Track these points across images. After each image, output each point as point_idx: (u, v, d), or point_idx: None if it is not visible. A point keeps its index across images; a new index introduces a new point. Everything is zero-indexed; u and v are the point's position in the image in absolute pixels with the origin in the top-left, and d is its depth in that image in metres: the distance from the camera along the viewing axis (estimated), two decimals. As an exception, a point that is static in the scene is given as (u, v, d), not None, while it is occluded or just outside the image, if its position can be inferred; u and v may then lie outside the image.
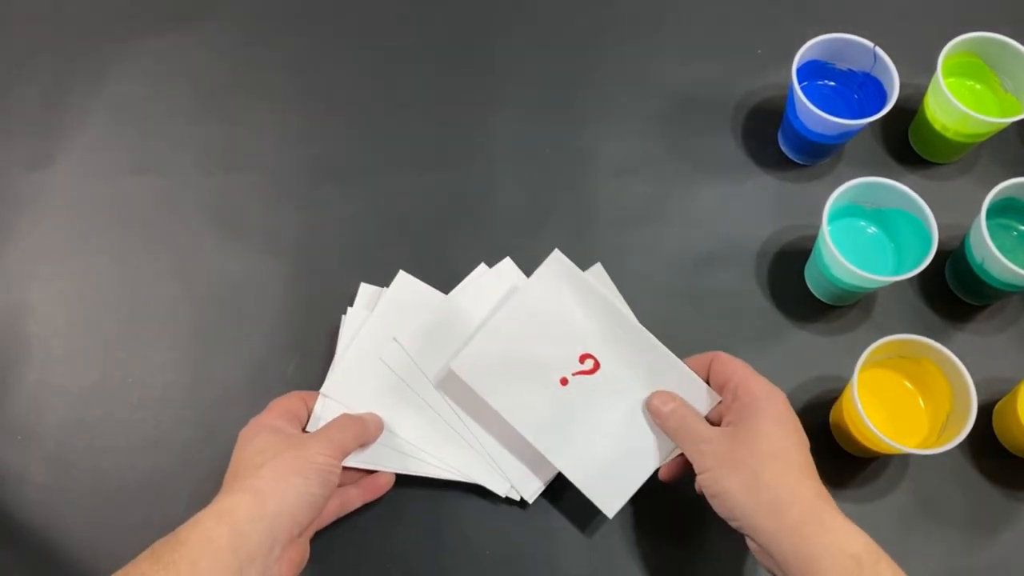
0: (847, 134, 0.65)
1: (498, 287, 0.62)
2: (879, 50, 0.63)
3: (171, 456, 0.61)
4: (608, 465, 0.56)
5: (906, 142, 0.71)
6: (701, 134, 0.71)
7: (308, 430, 0.57)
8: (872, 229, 0.63)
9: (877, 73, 0.64)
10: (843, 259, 0.57)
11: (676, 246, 0.67)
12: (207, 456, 0.61)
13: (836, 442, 0.61)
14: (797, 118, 0.65)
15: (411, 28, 0.76)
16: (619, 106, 0.72)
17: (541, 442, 0.56)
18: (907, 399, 0.58)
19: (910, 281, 0.65)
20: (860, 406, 0.52)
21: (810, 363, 0.63)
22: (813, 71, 0.67)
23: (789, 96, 0.65)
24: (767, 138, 0.71)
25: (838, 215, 0.62)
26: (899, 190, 0.59)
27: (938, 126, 0.66)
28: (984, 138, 0.66)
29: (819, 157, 0.69)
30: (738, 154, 0.71)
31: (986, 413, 0.61)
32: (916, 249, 0.58)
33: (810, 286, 0.65)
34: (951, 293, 0.65)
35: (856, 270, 0.56)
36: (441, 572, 0.58)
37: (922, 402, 0.58)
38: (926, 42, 0.65)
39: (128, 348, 0.64)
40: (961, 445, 0.51)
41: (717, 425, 0.54)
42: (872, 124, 0.64)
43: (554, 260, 0.57)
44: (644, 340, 0.56)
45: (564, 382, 0.56)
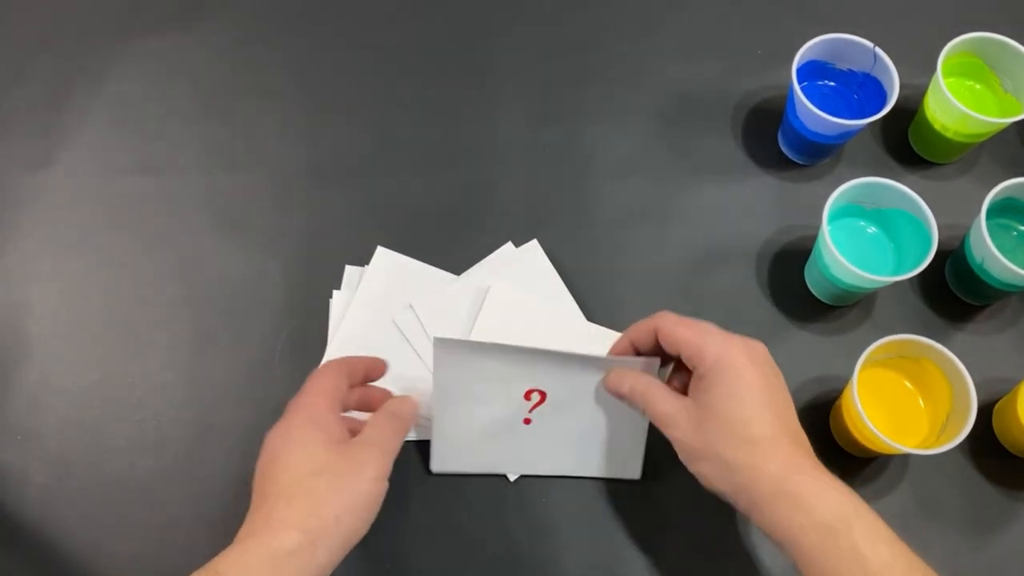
0: (847, 134, 0.65)
1: (522, 268, 0.65)
2: (879, 50, 0.63)
3: (171, 456, 0.61)
4: (607, 442, 0.58)
5: (906, 142, 0.71)
6: (701, 134, 0.71)
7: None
8: (872, 229, 0.63)
9: (877, 73, 0.64)
10: (843, 259, 0.57)
11: (676, 246, 0.67)
12: (207, 456, 0.61)
13: (836, 442, 0.61)
14: (797, 118, 0.65)
15: (411, 28, 0.76)
16: (619, 106, 0.72)
17: (542, 468, 0.59)
18: (907, 399, 0.58)
19: (910, 281, 0.65)
20: (860, 406, 0.52)
21: (810, 363, 0.63)
22: (813, 71, 0.67)
23: (789, 96, 0.65)
24: (767, 138, 0.71)
25: (838, 215, 0.62)
26: (899, 190, 0.59)
27: (938, 126, 0.66)
28: (984, 138, 0.66)
29: (819, 157, 0.69)
30: (738, 154, 0.71)
31: (986, 413, 0.61)
32: (916, 249, 0.58)
33: (810, 286, 0.65)
34: (951, 293, 0.65)
35: (856, 270, 0.56)
36: (441, 571, 0.58)
37: (922, 402, 0.58)
38: (926, 42, 0.65)
39: (128, 348, 0.64)
40: (961, 445, 0.51)
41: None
42: (872, 124, 0.64)
43: (438, 345, 0.54)
44: (561, 355, 0.54)
45: (528, 422, 0.58)
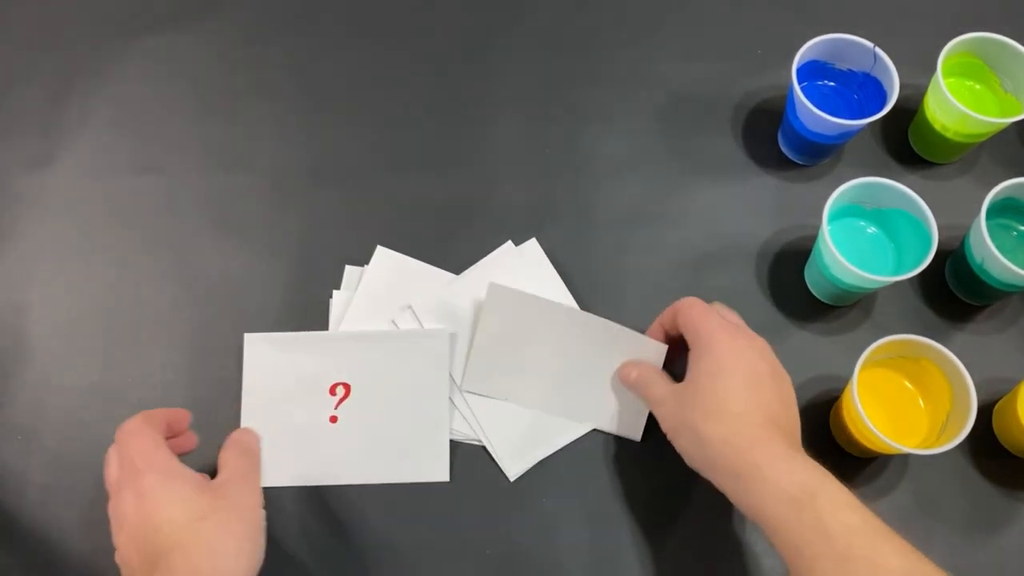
0: (847, 134, 0.65)
1: (521, 266, 0.65)
2: (879, 50, 0.63)
3: (171, 456, 0.61)
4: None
5: (906, 142, 0.71)
6: (701, 134, 0.71)
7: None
8: (872, 229, 0.63)
9: (877, 73, 0.64)
10: (843, 259, 0.57)
11: (676, 246, 0.67)
12: (207, 456, 0.61)
13: (836, 442, 0.61)
14: (797, 118, 0.65)
15: (411, 28, 0.76)
16: (619, 106, 0.72)
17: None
18: (907, 399, 0.58)
19: (910, 281, 0.65)
20: (860, 406, 0.52)
21: (810, 363, 0.63)
22: (813, 71, 0.67)
23: (789, 96, 0.65)
24: (767, 138, 0.71)
25: (838, 215, 0.62)
26: (899, 190, 0.59)
27: (938, 126, 0.66)
28: (984, 138, 0.66)
29: (819, 157, 0.69)
30: (738, 154, 0.71)
31: (986, 413, 0.61)
32: (916, 249, 0.58)
33: (810, 286, 0.65)
34: (951, 293, 0.65)
35: (856, 270, 0.56)
36: (440, 571, 0.58)
37: (922, 402, 0.58)
38: (926, 42, 0.65)
39: (128, 348, 0.64)
40: (961, 445, 0.51)
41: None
42: (872, 124, 0.64)
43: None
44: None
45: (334, 420, 0.62)
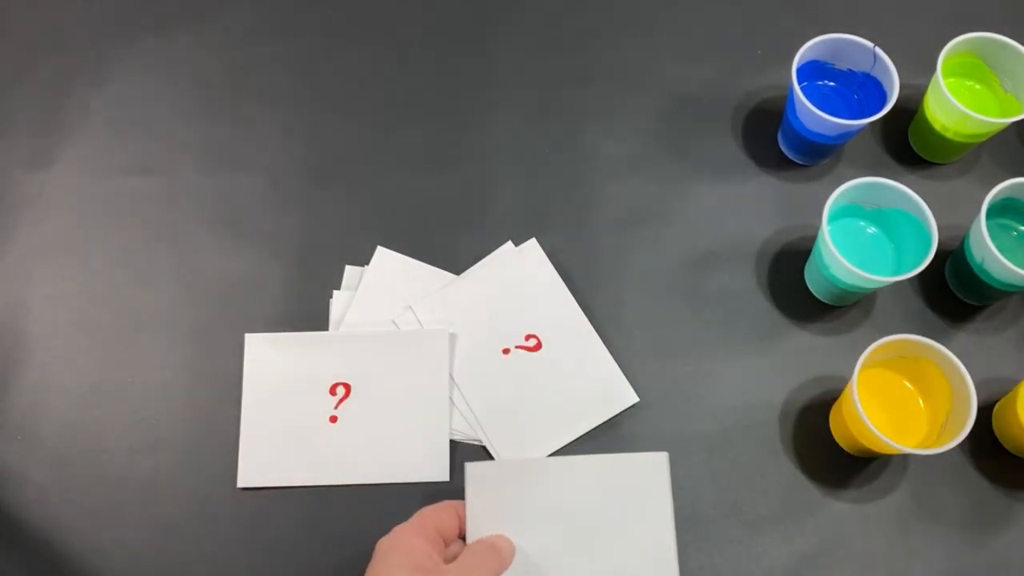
0: (847, 134, 0.65)
1: (521, 267, 0.66)
2: (879, 50, 0.63)
3: (171, 456, 0.61)
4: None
5: (906, 142, 0.71)
6: (701, 134, 0.71)
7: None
8: (872, 229, 0.63)
9: (877, 73, 0.64)
10: (843, 259, 0.57)
11: (676, 246, 0.67)
12: (207, 456, 0.61)
13: (836, 442, 0.61)
14: (797, 118, 0.65)
15: (411, 28, 0.76)
16: (619, 106, 0.72)
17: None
18: (907, 399, 0.58)
19: (910, 281, 0.65)
20: (860, 406, 0.52)
21: (810, 363, 0.63)
22: (813, 71, 0.67)
23: (789, 96, 0.65)
24: (767, 138, 0.71)
25: (838, 215, 0.62)
26: (899, 190, 0.59)
27: (938, 126, 0.66)
28: (984, 138, 0.66)
29: (819, 157, 0.69)
30: (738, 154, 0.71)
31: (986, 413, 0.61)
32: (916, 249, 0.58)
33: (810, 286, 0.65)
34: (951, 293, 0.65)
35: (856, 270, 0.56)
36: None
37: (922, 402, 0.58)
38: (926, 42, 0.65)
39: (128, 348, 0.64)
40: (961, 445, 0.51)
41: None
42: (872, 124, 0.64)
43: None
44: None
45: (334, 420, 0.61)
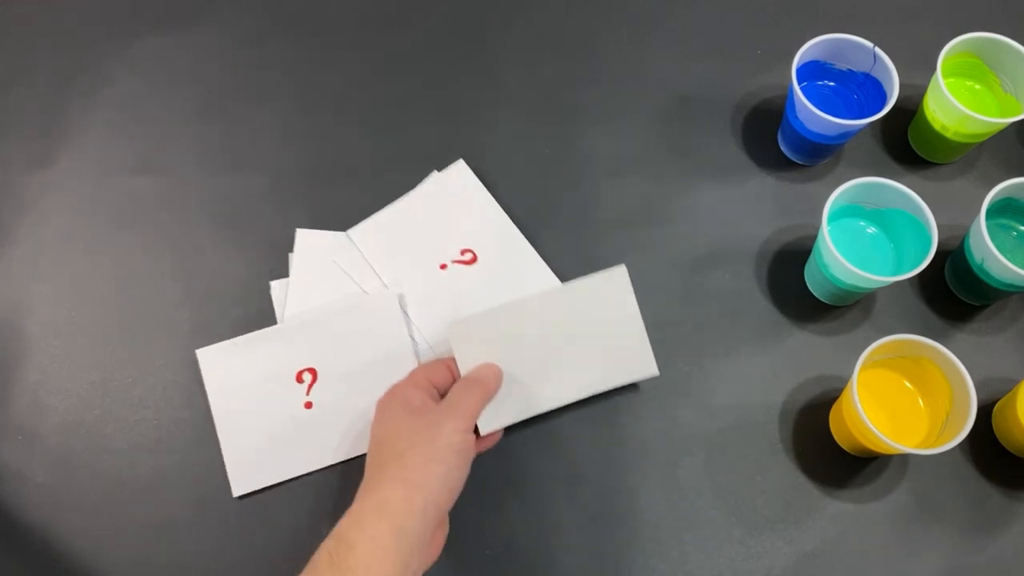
0: (847, 134, 0.65)
1: (449, 185, 0.68)
2: (879, 50, 0.63)
3: (171, 456, 0.61)
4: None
5: (906, 142, 0.71)
6: (701, 134, 0.71)
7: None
8: (872, 229, 0.63)
9: (877, 73, 0.64)
10: (843, 259, 0.57)
11: (676, 246, 0.67)
12: (207, 456, 0.61)
13: (836, 442, 0.61)
14: (797, 118, 0.65)
15: (411, 28, 0.76)
16: (619, 106, 0.72)
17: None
18: (907, 399, 0.58)
19: (910, 281, 0.65)
20: (860, 406, 0.52)
21: (810, 363, 0.63)
22: (813, 71, 0.67)
23: (789, 96, 0.65)
24: (767, 138, 0.71)
25: (838, 215, 0.62)
26: (899, 190, 0.59)
27: (938, 126, 0.66)
28: (984, 138, 0.66)
29: (819, 157, 0.69)
30: (738, 154, 0.71)
31: (986, 413, 0.61)
32: (916, 249, 0.58)
33: (810, 286, 0.65)
34: (951, 293, 0.65)
35: (856, 270, 0.56)
36: (440, 571, 0.58)
37: (922, 402, 0.58)
38: (926, 42, 0.66)
39: (128, 348, 0.64)
40: (961, 445, 0.51)
41: None
42: (872, 124, 0.64)
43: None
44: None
45: (308, 406, 0.61)
